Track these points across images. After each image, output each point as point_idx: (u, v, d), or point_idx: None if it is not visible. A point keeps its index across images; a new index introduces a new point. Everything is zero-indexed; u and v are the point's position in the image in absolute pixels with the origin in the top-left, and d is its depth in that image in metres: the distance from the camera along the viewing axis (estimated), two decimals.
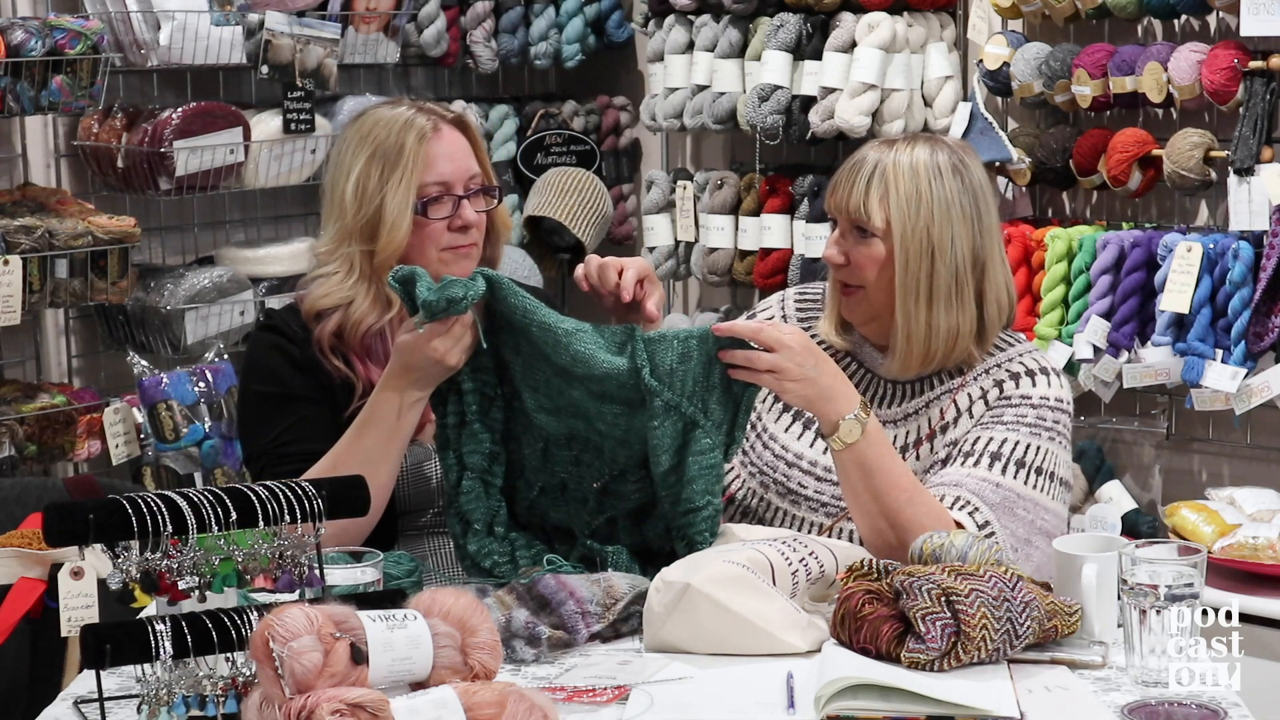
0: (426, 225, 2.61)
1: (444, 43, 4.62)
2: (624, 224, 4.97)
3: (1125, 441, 4.08)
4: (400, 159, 2.59)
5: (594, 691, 2.05)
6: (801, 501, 2.61)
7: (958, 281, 2.51)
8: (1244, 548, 3.46)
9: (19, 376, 4.04)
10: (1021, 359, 2.58)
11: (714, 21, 4.44)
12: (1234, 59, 3.63)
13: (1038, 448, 2.50)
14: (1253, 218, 3.64)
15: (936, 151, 2.53)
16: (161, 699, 1.84)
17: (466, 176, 2.65)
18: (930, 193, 2.50)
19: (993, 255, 2.56)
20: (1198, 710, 1.97)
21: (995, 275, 2.56)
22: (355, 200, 2.60)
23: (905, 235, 2.50)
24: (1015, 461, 2.48)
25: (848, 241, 2.55)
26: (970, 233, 2.52)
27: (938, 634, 2.04)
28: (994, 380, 2.56)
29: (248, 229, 4.47)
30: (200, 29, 4.01)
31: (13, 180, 4.02)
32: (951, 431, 2.55)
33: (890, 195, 2.51)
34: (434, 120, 2.63)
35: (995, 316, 2.56)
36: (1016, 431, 2.50)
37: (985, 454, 2.48)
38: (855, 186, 2.53)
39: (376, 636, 1.80)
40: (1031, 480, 2.48)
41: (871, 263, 2.53)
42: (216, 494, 1.94)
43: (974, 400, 2.55)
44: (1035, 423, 2.51)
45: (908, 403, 2.59)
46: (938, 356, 2.54)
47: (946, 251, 2.50)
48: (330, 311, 2.61)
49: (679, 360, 2.35)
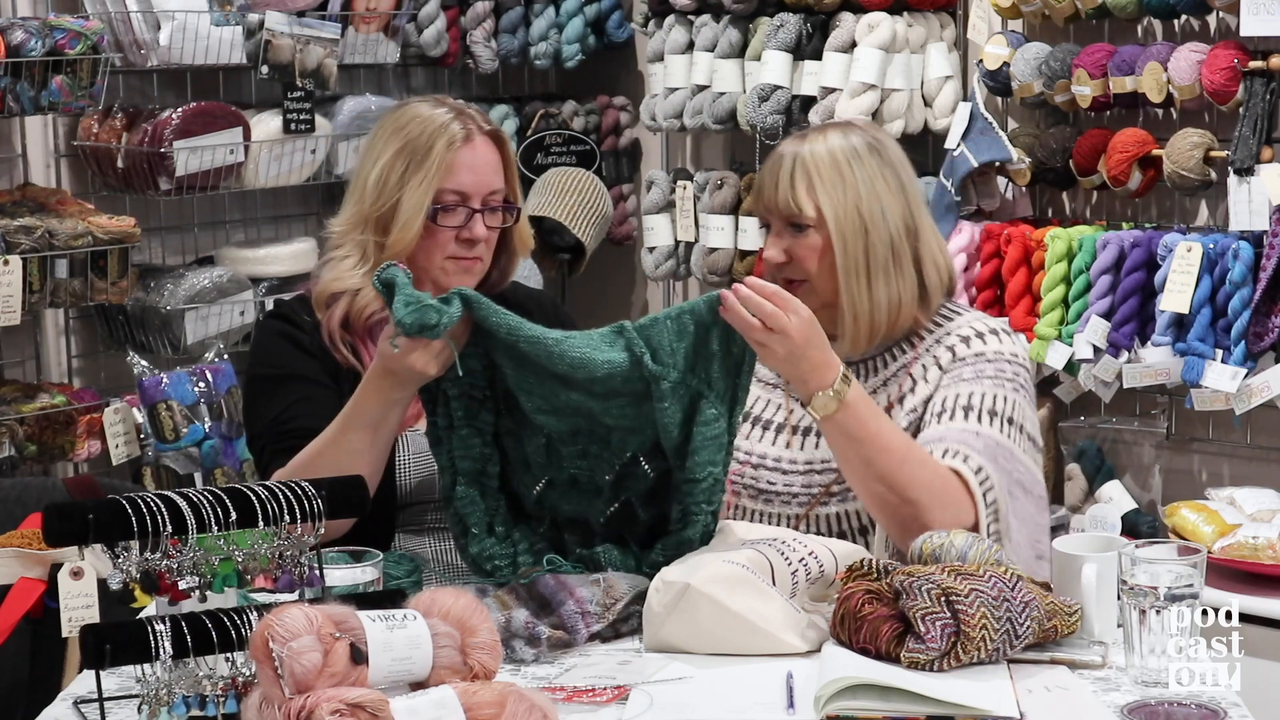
0: (436, 231, 2.62)
1: (444, 43, 4.63)
2: (624, 224, 4.97)
3: (1125, 441, 4.08)
4: (426, 161, 2.61)
5: (594, 691, 2.05)
6: (774, 498, 2.63)
7: (894, 252, 2.57)
8: (1244, 548, 3.46)
9: (19, 376, 4.04)
10: (971, 324, 2.62)
11: (714, 21, 4.44)
12: (1234, 59, 3.63)
13: (1004, 398, 2.53)
14: (1253, 218, 3.64)
15: (849, 135, 2.60)
16: (161, 699, 1.84)
17: (487, 191, 2.65)
18: (853, 173, 2.56)
19: (924, 222, 2.62)
20: (1198, 710, 1.97)
21: (929, 240, 2.62)
22: (376, 190, 2.63)
23: (839, 219, 2.55)
24: (987, 411, 2.51)
25: (784, 239, 2.59)
26: (899, 202, 2.59)
27: (937, 634, 2.04)
28: (945, 347, 2.59)
29: (248, 229, 4.47)
30: (200, 29, 4.01)
31: (13, 180, 4.02)
32: (910, 399, 2.57)
33: (816, 184, 2.56)
34: (469, 130, 2.64)
35: (936, 281, 2.61)
36: (979, 384, 2.53)
37: (957, 409, 2.51)
38: (780, 184, 2.57)
39: (376, 636, 1.80)
40: (1005, 430, 2.51)
41: (812, 254, 2.57)
42: (216, 494, 1.94)
43: (928, 369, 2.59)
44: (995, 375, 2.55)
45: (864, 384, 2.61)
46: (883, 329, 2.58)
47: (879, 224, 2.56)
48: (339, 297, 2.63)
49: (677, 338, 2.34)
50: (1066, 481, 4.08)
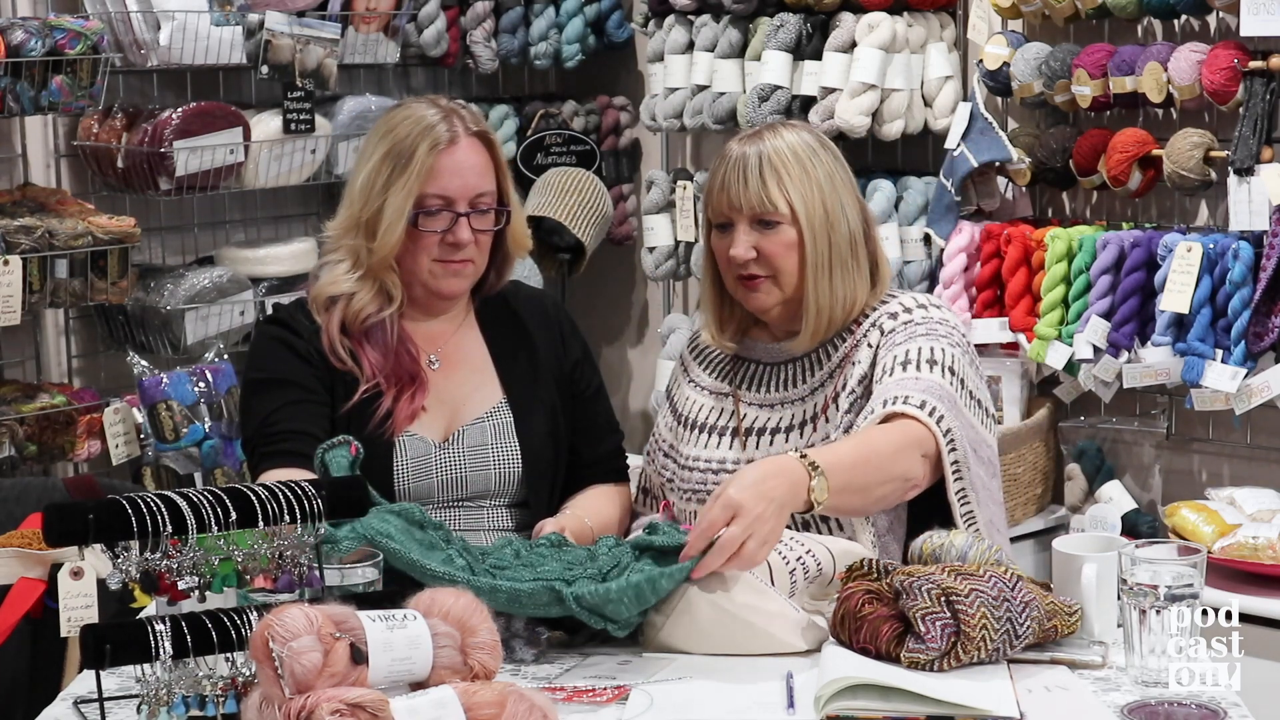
0: (420, 236, 2.63)
1: (444, 43, 4.63)
2: (624, 224, 4.97)
3: (1125, 441, 4.08)
4: (409, 165, 2.61)
5: (594, 691, 2.05)
6: None
7: (853, 247, 2.62)
8: (1244, 548, 3.46)
9: (19, 376, 4.04)
10: (901, 301, 2.65)
11: (714, 21, 4.43)
12: (1234, 59, 3.63)
13: (941, 349, 2.54)
14: (1253, 218, 3.64)
15: (800, 132, 2.64)
16: (161, 699, 1.84)
17: (473, 194, 2.65)
18: (815, 169, 2.60)
19: (871, 216, 2.69)
20: (1198, 710, 1.97)
21: (876, 234, 2.69)
22: (363, 194, 2.65)
23: (809, 213, 2.58)
24: (926, 361, 2.52)
25: (752, 236, 2.60)
26: (854, 198, 2.64)
27: (937, 634, 2.04)
28: (875, 325, 2.62)
29: (248, 229, 4.47)
30: (200, 29, 4.01)
31: (13, 180, 4.02)
32: (858, 370, 2.59)
33: (785, 179, 2.58)
34: (455, 132, 2.64)
35: (886, 270, 2.68)
36: (913, 341, 2.55)
37: (895, 365, 2.53)
38: (749, 182, 2.59)
39: (376, 636, 1.80)
40: (946, 377, 2.51)
41: (784, 249, 2.59)
42: (216, 494, 1.94)
43: (859, 349, 2.61)
44: (928, 333, 2.57)
45: (813, 377, 2.64)
46: (839, 322, 2.63)
47: (841, 219, 2.60)
48: (335, 300, 2.65)
49: (634, 604, 2.19)
50: (1066, 481, 4.08)
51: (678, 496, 2.70)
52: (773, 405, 2.67)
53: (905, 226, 4.19)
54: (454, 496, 2.66)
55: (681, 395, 2.79)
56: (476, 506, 2.68)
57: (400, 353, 2.67)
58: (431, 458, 2.64)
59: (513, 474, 2.69)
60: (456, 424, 2.69)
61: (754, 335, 2.73)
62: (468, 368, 2.75)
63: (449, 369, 2.73)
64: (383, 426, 2.62)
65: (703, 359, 2.79)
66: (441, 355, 2.74)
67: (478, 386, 2.74)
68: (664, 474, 2.75)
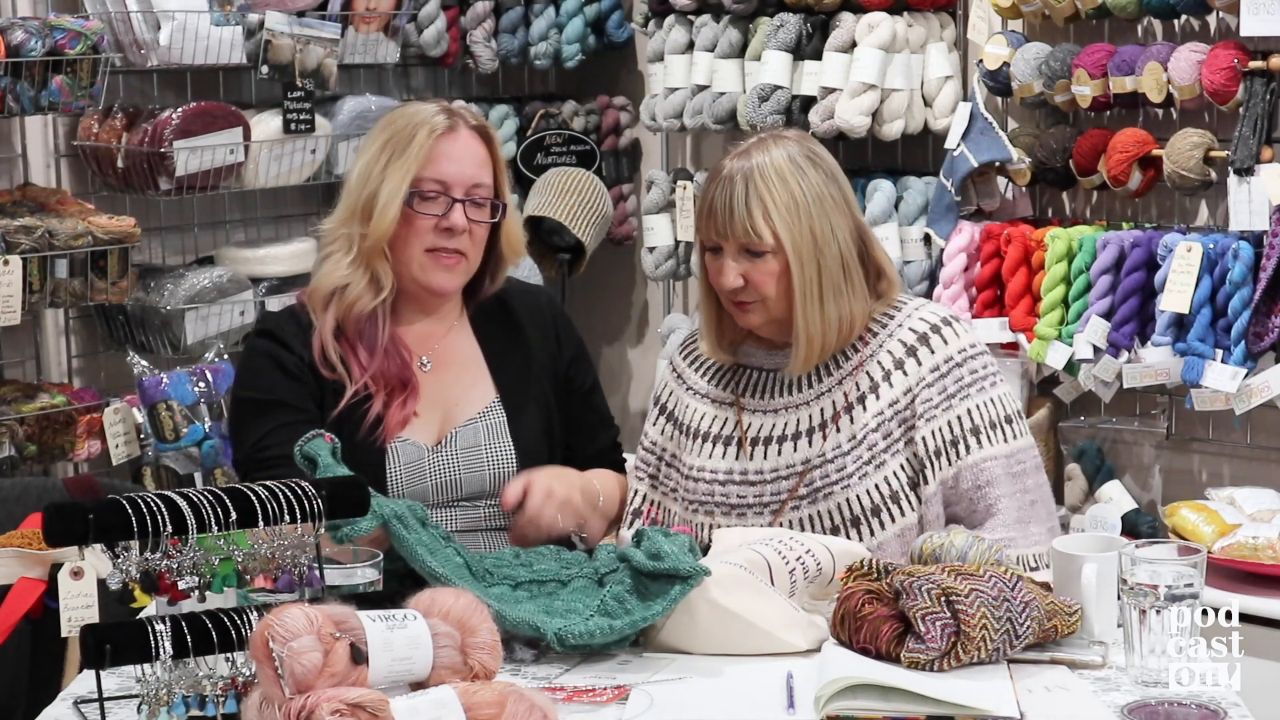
0: (414, 219, 2.63)
1: (444, 43, 4.62)
2: (624, 224, 4.97)
3: (1125, 441, 4.07)
4: (408, 149, 2.63)
5: (594, 691, 2.05)
6: (746, 511, 2.63)
7: (845, 269, 2.58)
8: (1244, 548, 3.46)
9: (19, 376, 4.04)
10: (921, 316, 2.63)
11: (714, 21, 4.43)
12: (1234, 59, 3.63)
13: (991, 399, 2.58)
14: (1253, 218, 3.64)
15: (787, 147, 2.58)
16: (161, 699, 1.84)
17: (469, 183, 2.66)
18: (803, 192, 2.55)
19: (866, 225, 2.66)
20: (1198, 710, 1.97)
21: (874, 242, 2.65)
22: (360, 180, 2.66)
23: (795, 242, 2.54)
24: (989, 425, 2.55)
25: (740, 264, 2.57)
26: (845, 216, 2.60)
27: (938, 634, 2.04)
28: (900, 341, 2.61)
29: (248, 229, 4.47)
30: (200, 29, 4.01)
31: (13, 180, 4.02)
32: (876, 402, 2.58)
33: (770, 209, 2.54)
34: (454, 122, 2.67)
35: (893, 276, 2.66)
36: (967, 400, 2.57)
37: (966, 434, 2.55)
38: (735, 211, 2.55)
39: (376, 636, 1.80)
40: (1004, 434, 2.56)
41: (769, 278, 2.57)
42: (216, 494, 1.94)
43: (886, 367, 2.59)
44: (971, 380, 2.58)
45: (819, 384, 2.63)
46: (833, 346, 2.60)
47: (830, 244, 2.56)
48: (331, 295, 2.65)
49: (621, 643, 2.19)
50: (1066, 481, 4.07)
51: (681, 507, 2.69)
52: (776, 410, 2.65)
53: (905, 226, 4.19)
54: (448, 498, 2.66)
55: (680, 403, 2.76)
56: (472, 506, 2.68)
57: (391, 356, 2.67)
58: (424, 462, 2.64)
59: (507, 474, 2.68)
60: (449, 426, 2.69)
61: (751, 344, 2.71)
62: (460, 368, 2.74)
63: (441, 370, 2.72)
64: (374, 433, 2.62)
65: (699, 366, 2.77)
66: (433, 356, 2.73)
67: (470, 386, 2.73)
68: (667, 484, 2.74)
